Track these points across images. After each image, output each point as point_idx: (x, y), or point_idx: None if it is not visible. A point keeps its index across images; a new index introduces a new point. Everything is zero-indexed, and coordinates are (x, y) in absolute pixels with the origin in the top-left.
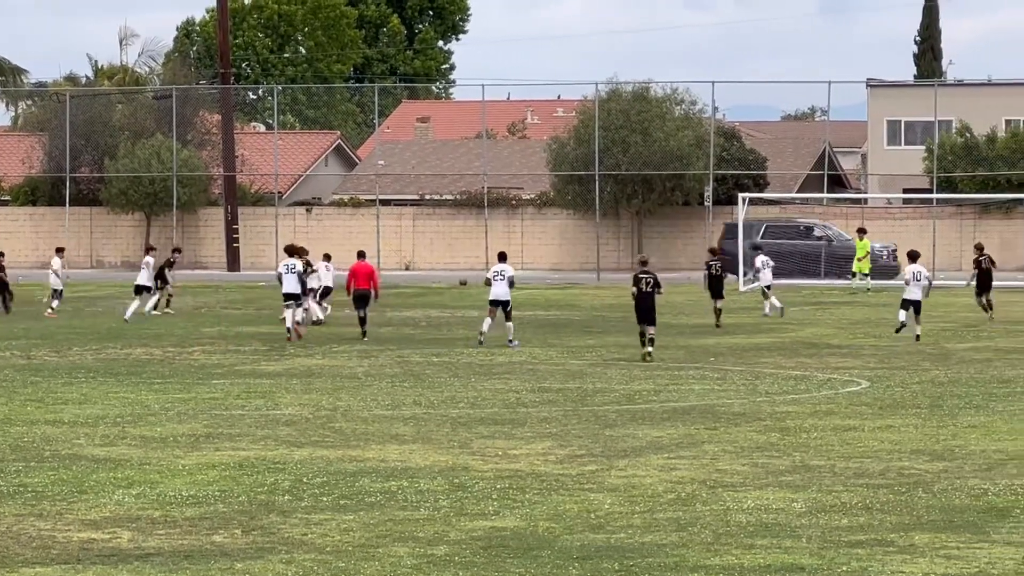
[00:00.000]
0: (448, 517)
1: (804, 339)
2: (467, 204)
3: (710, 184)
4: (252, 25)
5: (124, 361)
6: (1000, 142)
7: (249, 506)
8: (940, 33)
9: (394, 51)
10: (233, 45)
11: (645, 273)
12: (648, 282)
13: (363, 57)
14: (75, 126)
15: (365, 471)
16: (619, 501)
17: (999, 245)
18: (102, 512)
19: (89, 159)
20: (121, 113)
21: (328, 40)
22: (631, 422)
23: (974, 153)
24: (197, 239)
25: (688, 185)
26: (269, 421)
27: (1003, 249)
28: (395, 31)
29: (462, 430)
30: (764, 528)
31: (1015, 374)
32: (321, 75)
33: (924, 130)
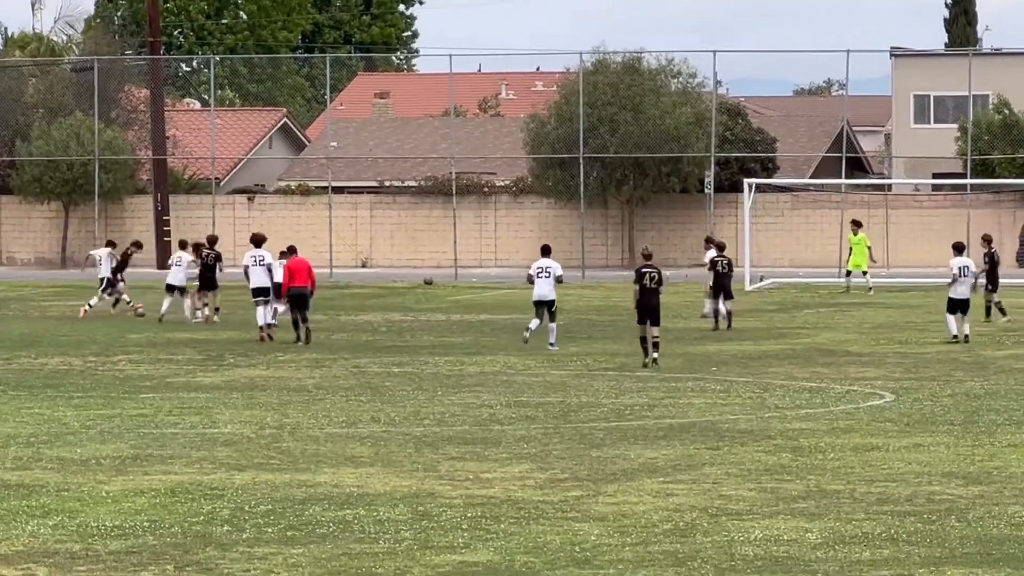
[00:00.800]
0: (412, 550)
1: (820, 345)
2: (432, 192)
3: (711, 168)
4: None
5: (39, 372)
6: None
7: (183, 538)
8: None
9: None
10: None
11: (648, 267)
12: (652, 277)
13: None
14: None
15: (316, 498)
16: (608, 532)
17: None
18: (14, 545)
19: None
20: (35, 88)
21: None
22: (621, 441)
23: (1013, 132)
24: (123, 232)
25: (686, 170)
26: (206, 441)
27: None
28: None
29: (427, 451)
30: (774, 562)
31: None
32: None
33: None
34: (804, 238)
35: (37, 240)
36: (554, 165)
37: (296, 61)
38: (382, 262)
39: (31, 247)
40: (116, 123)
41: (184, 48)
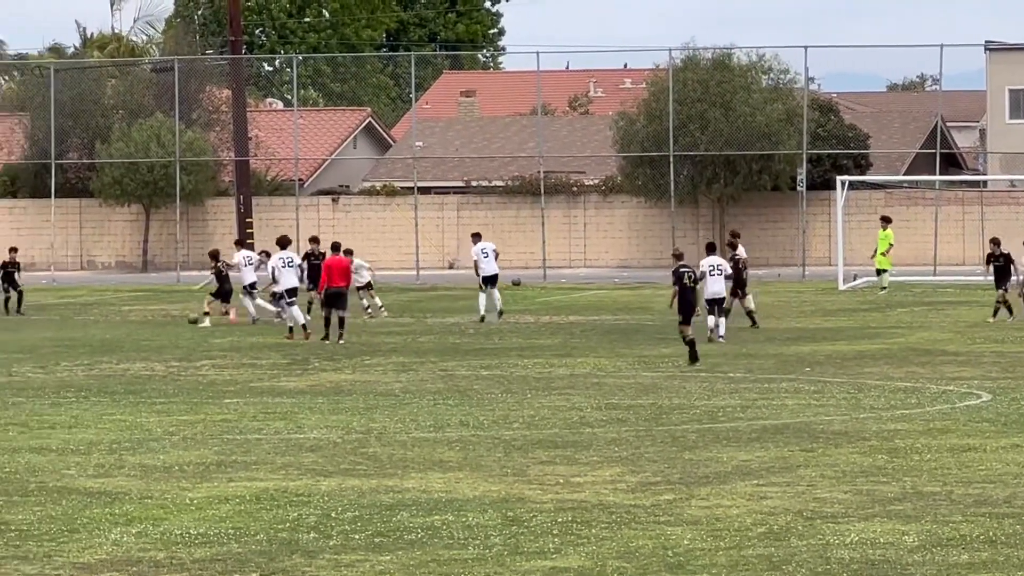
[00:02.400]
0: (501, 556)
1: (915, 345)
2: (520, 191)
3: (803, 166)
4: None
5: (121, 378)
6: None
7: (268, 546)
8: None
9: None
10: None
11: (686, 267)
12: (691, 276)
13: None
14: (61, 105)
15: (404, 503)
16: (701, 536)
17: None
18: (97, 554)
19: (77, 143)
20: (114, 89)
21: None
22: (714, 443)
23: None
24: (204, 234)
25: (777, 167)
26: (291, 446)
27: None
28: None
29: (517, 455)
30: (870, 566)
31: None
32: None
33: None
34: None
35: (118, 243)
36: (644, 163)
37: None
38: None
39: (112, 250)
40: (197, 124)
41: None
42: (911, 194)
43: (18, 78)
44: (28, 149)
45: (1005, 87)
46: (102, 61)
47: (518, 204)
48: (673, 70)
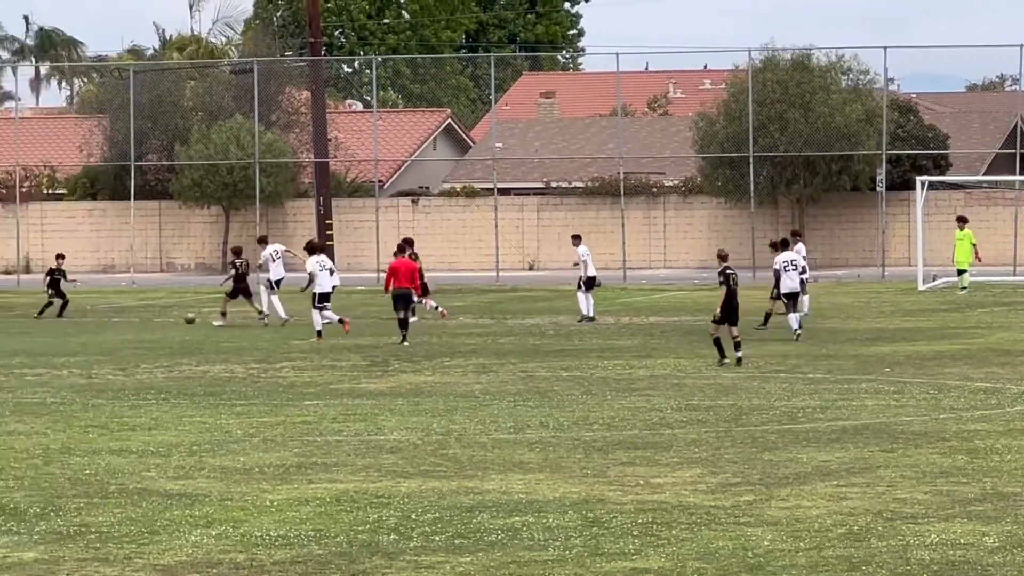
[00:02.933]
0: (581, 558)
1: (995, 345)
2: (600, 192)
3: (883, 166)
4: None
5: (200, 380)
6: None
7: (348, 547)
8: None
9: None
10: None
11: (731, 269)
12: (735, 279)
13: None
14: (140, 106)
15: (484, 505)
16: (781, 537)
17: None
18: (177, 556)
19: (157, 145)
20: (193, 91)
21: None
22: (793, 444)
23: None
24: (284, 236)
25: (857, 168)
26: (371, 448)
27: None
28: None
29: (597, 456)
30: (951, 566)
31: None
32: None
33: None
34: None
35: (197, 245)
36: (723, 164)
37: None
38: (549, 264)
39: (191, 252)
40: (276, 126)
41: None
42: (991, 194)
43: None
44: (108, 151)
45: None
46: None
47: (598, 205)
48: (752, 71)
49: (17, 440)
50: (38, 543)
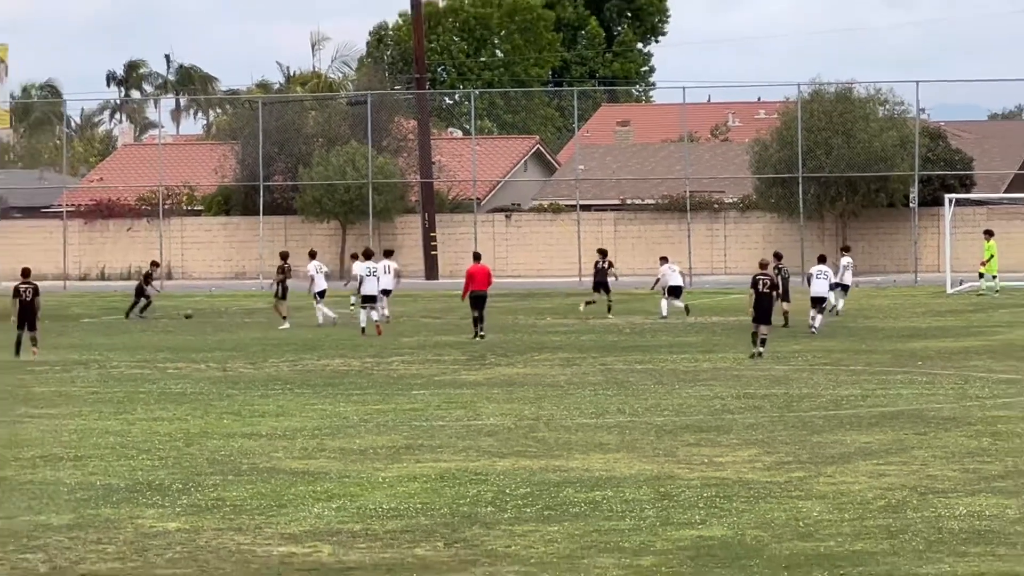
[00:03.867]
0: (654, 527)
1: (1015, 341)
2: (669, 208)
3: (915, 185)
4: (447, 29)
5: (321, 372)
6: None
7: (451, 518)
8: None
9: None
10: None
11: (763, 275)
12: (766, 283)
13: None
14: (268, 133)
15: (569, 481)
16: (828, 508)
17: None
18: (302, 526)
19: (282, 167)
20: (314, 120)
21: (525, 43)
22: (838, 428)
23: None
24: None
25: (892, 186)
26: (470, 432)
27: None
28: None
29: (667, 438)
30: (977, 535)
31: None
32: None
33: None
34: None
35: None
36: (776, 183)
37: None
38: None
39: None
40: (387, 150)
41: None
42: (1010, 209)
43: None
44: (239, 172)
45: None
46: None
47: (667, 219)
48: (801, 102)
49: (161, 425)
50: (180, 515)
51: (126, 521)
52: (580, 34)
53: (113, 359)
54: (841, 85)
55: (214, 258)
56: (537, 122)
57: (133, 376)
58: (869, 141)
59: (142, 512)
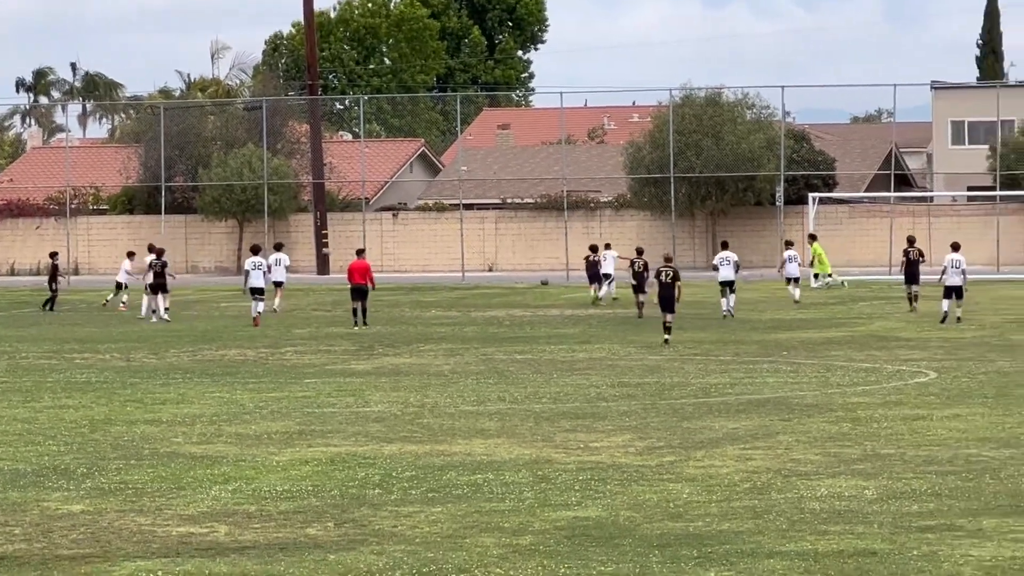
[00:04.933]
0: (532, 508)
1: (874, 333)
2: (547, 207)
3: (781, 185)
4: (338, 38)
5: (219, 362)
6: None
7: (341, 500)
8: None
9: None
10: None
11: (665, 267)
12: (668, 274)
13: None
14: (169, 137)
15: (452, 465)
16: (697, 490)
17: None
18: (200, 507)
19: (183, 169)
20: (213, 124)
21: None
22: (708, 414)
23: None
24: (288, 244)
25: (759, 186)
26: (359, 418)
27: None
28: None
29: (545, 424)
30: (837, 515)
31: None
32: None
33: (987, 130)
34: (859, 242)
35: (216, 251)
36: (649, 183)
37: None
38: (505, 267)
39: (212, 257)
40: (281, 153)
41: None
42: (870, 208)
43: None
44: (142, 174)
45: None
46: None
47: (545, 218)
48: (673, 106)
49: (67, 413)
50: (84, 497)
51: (32, 504)
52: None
53: (22, 350)
54: (711, 90)
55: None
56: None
57: (41, 366)
58: (737, 143)
59: (48, 495)
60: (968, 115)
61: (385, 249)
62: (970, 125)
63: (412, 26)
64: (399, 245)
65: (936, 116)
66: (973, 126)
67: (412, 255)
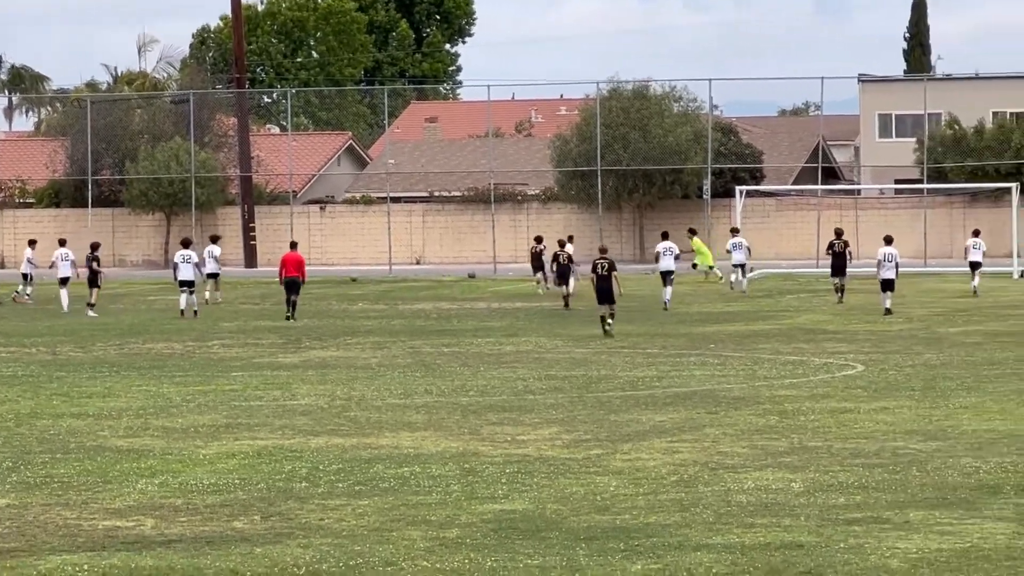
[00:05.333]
0: (459, 501)
1: (801, 325)
2: (474, 200)
3: (708, 178)
4: (266, 31)
5: (146, 355)
6: (987, 133)
7: (268, 493)
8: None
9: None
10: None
11: (601, 259)
12: (604, 266)
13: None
14: (96, 130)
15: (379, 458)
16: (624, 483)
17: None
18: (126, 501)
19: (110, 162)
20: (140, 117)
21: (339, 44)
22: (635, 407)
23: (962, 144)
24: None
25: (687, 179)
26: (286, 411)
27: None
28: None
29: (472, 417)
30: (764, 507)
31: (1005, 356)
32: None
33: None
34: (787, 235)
35: (144, 245)
36: (576, 176)
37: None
38: (433, 259)
39: (139, 251)
40: (209, 146)
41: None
42: (798, 201)
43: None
44: (69, 167)
45: (875, 112)
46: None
47: (472, 211)
48: (600, 100)
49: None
50: (10, 491)
51: None
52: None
53: None
54: (638, 83)
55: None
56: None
57: None
58: (664, 136)
59: None
60: (895, 108)
61: (313, 242)
62: (897, 118)
63: (340, 19)
64: (327, 238)
65: (863, 109)
66: (900, 119)
67: (340, 248)
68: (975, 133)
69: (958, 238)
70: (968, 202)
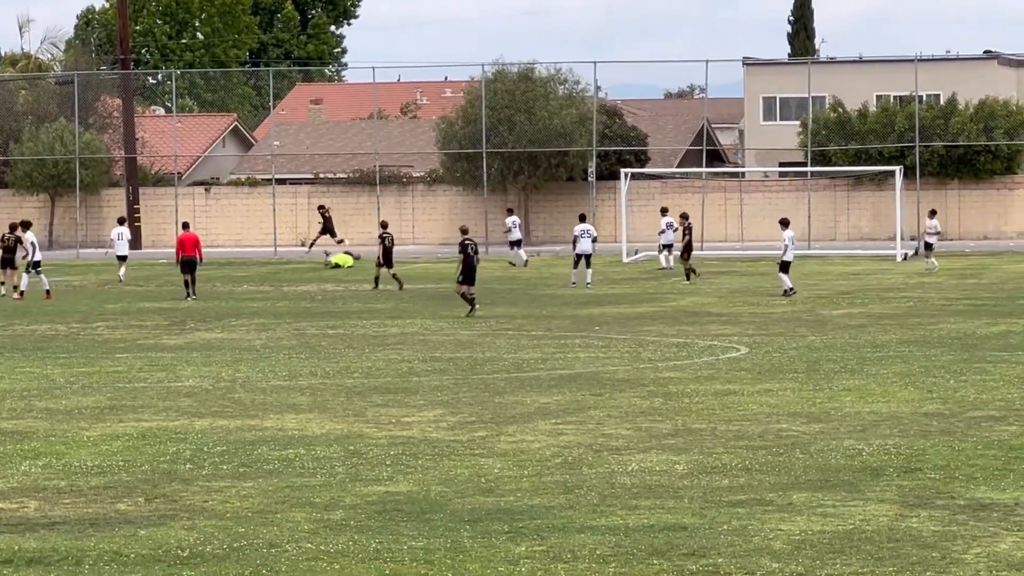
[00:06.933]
0: (344, 483)
1: (685, 308)
2: (359, 182)
3: (593, 160)
4: (151, 12)
5: (30, 337)
6: (871, 117)
7: (152, 475)
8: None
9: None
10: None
11: (469, 240)
12: (473, 248)
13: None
14: None
15: (263, 440)
16: (508, 465)
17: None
18: (9, 483)
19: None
20: (24, 98)
21: (224, 26)
22: (519, 389)
23: (846, 127)
24: (100, 219)
25: (572, 161)
26: (171, 393)
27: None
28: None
29: (357, 399)
30: (648, 490)
31: (888, 339)
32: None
33: (798, 106)
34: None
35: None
36: (461, 159)
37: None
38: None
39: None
40: (93, 127)
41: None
42: (683, 183)
43: None
44: None
45: (759, 95)
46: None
47: (358, 193)
48: (485, 82)
49: None
50: None
51: None
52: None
53: None
54: (523, 65)
55: None
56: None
57: None
58: (549, 118)
59: None
60: (779, 91)
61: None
62: (781, 101)
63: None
64: (211, 220)
65: (748, 92)
66: (784, 102)
67: (225, 230)
68: (859, 116)
69: (841, 220)
70: (852, 185)
